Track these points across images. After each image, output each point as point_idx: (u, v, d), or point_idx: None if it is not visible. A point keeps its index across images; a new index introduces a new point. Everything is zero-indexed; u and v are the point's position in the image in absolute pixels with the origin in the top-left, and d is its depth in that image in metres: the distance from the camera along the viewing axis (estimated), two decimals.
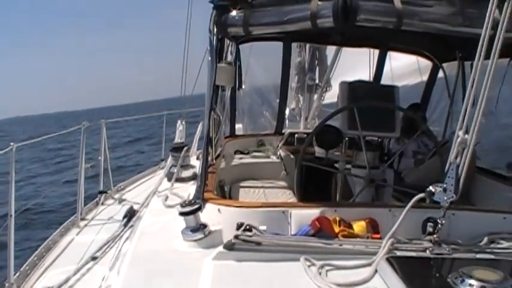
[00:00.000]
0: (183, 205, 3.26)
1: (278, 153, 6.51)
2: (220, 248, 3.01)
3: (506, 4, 2.84)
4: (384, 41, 6.73)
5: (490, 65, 2.84)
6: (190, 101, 8.01)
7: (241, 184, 5.50)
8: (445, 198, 2.84)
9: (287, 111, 8.29)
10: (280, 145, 6.74)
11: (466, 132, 2.89)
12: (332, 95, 8.43)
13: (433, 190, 2.86)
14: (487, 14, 2.86)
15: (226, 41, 4.47)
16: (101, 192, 6.24)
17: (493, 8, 2.85)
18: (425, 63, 7.14)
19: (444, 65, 6.86)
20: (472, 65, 2.91)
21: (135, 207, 4.73)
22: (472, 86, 2.88)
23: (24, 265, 4.22)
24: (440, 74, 6.93)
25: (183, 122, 8.08)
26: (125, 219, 4.46)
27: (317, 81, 8.76)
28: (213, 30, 3.88)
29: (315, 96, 8.82)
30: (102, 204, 6.06)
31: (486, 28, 2.85)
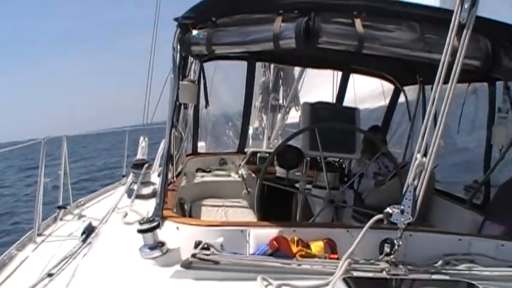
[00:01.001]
0: (141, 222, 3.21)
1: (240, 172, 6.51)
2: (178, 267, 2.97)
3: (465, 31, 2.91)
4: (347, 63, 6.82)
5: (448, 89, 2.90)
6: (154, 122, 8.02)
7: (202, 202, 5.46)
8: (402, 219, 2.86)
9: (250, 130, 8.30)
10: (242, 164, 6.73)
11: (425, 155, 2.93)
12: (296, 115, 8.49)
13: (391, 211, 2.89)
14: (447, 41, 2.92)
15: (190, 59, 4.46)
16: (59, 208, 6.12)
17: (452, 35, 2.92)
18: (389, 87, 7.25)
19: (406, 88, 6.98)
20: (432, 89, 2.97)
21: (94, 223, 4.67)
22: (431, 110, 2.94)
23: None
24: (402, 97, 7.06)
25: (146, 139, 8.02)
26: (83, 236, 4.39)
27: (281, 101, 8.83)
28: (177, 47, 3.87)
29: (279, 116, 8.87)
30: (61, 219, 5.95)
31: (445, 54, 2.91)
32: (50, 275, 3.77)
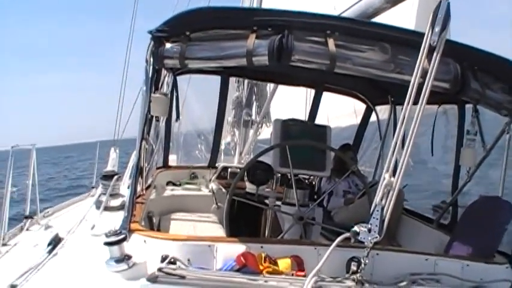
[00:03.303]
0: (108, 235, 3.18)
1: (210, 186, 6.48)
2: (144, 281, 2.95)
3: (435, 54, 2.96)
4: (320, 81, 6.87)
5: (417, 110, 2.94)
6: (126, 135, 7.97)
7: (171, 216, 5.43)
8: (369, 238, 2.87)
9: (222, 145, 8.29)
10: (212, 178, 6.72)
11: (394, 174, 2.95)
12: (268, 131, 8.51)
13: (358, 230, 2.90)
14: (417, 63, 2.97)
15: (164, 72, 4.44)
16: (26, 217, 6.01)
17: (422, 57, 2.97)
18: (361, 106, 7.31)
19: (378, 108, 7.05)
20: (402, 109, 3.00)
21: (61, 234, 4.59)
22: (401, 130, 2.97)
23: None
24: (374, 116, 7.12)
25: (117, 151, 7.95)
26: (50, 247, 4.31)
27: (253, 116, 8.84)
28: (150, 60, 3.84)
29: (251, 132, 8.88)
30: (27, 229, 5.83)
31: (415, 76, 2.95)
32: (13, 286, 3.69)
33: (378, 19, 4.81)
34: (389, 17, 4.90)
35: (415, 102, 2.96)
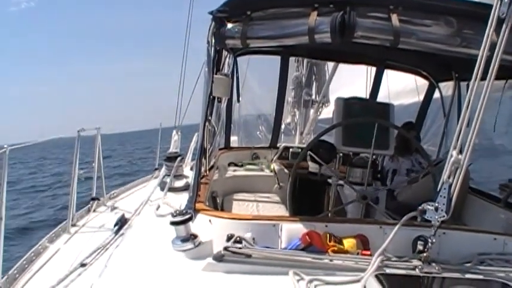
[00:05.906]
0: (174, 215, 3.23)
1: (272, 166, 6.50)
2: (210, 259, 2.98)
3: (504, 26, 2.84)
4: (381, 58, 6.77)
5: (485, 86, 2.84)
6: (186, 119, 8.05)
7: (234, 196, 5.48)
8: (436, 217, 2.83)
9: (282, 125, 8.28)
10: (274, 159, 6.74)
11: (460, 152, 2.88)
12: (328, 111, 8.46)
13: (425, 208, 2.86)
14: (485, 36, 2.86)
15: (224, 53, 4.46)
16: (93, 199, 6.17)
17: (490, 30, 2.86)
18: (423, 83, 7.18)
19: (441, 85, 6.90)
20: (468, 85, 2.92)
21: (127, 215, 4.70)
22: (468, 107, 2.89)
23: (13, 269, 4.18)
24: (437, 93, 6.97)
25: (179, 133, 8.06)
26: (116, 227, 4.42)
27: (313, 96, 8.79)
28: (211, 41, 3.87)
29: (311, 111, 8.84)
30: (94, 211, 5.98)
31: (483, 49, 2.85)
32: (83, 264, 3.79)
33: None
34: None
35: (483, 78, 2.87)
